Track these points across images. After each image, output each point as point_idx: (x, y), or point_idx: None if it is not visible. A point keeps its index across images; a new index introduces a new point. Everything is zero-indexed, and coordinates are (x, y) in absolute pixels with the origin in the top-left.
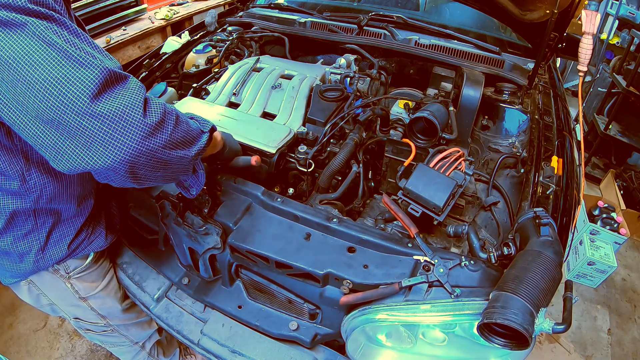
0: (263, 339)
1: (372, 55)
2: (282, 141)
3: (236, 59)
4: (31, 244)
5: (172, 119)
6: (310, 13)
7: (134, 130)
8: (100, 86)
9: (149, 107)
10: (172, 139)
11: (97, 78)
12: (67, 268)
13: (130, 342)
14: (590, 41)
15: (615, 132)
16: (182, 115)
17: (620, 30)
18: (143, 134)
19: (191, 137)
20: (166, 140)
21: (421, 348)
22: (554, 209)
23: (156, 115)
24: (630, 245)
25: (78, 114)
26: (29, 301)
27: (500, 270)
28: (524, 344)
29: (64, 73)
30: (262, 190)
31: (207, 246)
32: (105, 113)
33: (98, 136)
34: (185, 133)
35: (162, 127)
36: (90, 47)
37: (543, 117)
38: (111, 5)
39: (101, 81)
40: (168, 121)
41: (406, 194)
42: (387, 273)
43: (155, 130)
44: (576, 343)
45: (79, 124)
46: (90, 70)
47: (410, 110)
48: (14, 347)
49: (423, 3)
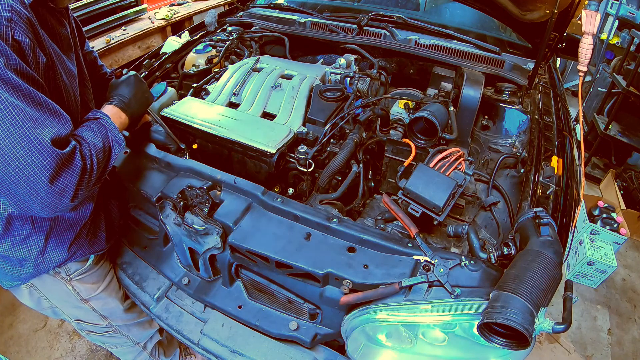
0: (263, 339)
1: (372, 55)
2: (282, 141)
3: (236, 59)
4: (30, 248)
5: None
6: (310, 13)
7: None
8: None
9: (56, 179)
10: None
11: None
12: (67, 270)
13: (132, 342)
14: (590, 41)
15: (615, 132)
16: (93, 146)
17: (620, 30)
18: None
19: (108, 156)
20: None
21: (421, 348)
22: (554, 209)
23: (65, 180)
24: (630, 245)
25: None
26: (30, 304)
27: (500, 270)
28: (524, 343)
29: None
30: (262, 190)
31: (207, 246)
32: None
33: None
34: (106, 162)
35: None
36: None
37: (543, 117)
38: (111, 5)
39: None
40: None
41: (406, 194)
42: (387, 273)
43: (61, 194)
44: (576, 343)
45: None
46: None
47: (410, 110)
48: (14, 347)
49: (423, 3)
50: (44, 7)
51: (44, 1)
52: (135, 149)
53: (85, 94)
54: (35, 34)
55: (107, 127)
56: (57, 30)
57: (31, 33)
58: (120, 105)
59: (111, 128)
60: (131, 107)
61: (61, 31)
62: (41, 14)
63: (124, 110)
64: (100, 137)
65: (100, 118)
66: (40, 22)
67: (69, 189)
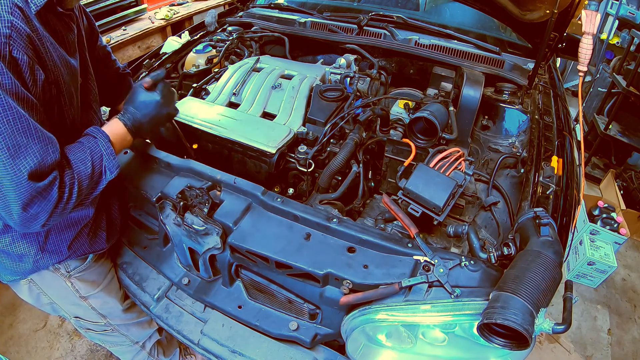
0: (263, 339)
1: (372, 55)
2: (282, 141)
3: (236, 59)
4: (30, 244)
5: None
6: (310, 13)
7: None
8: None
9: (29, 207)
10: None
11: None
12: (67, 267)
13: (131, 341)
14: (590, 41)
15: (615, 132)
16: (81, 172)
17: (620, 30)
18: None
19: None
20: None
21: (421, 348)
22: (554, 209)
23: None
24: (630, 245)
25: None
26: (29, 300)
27: (500, 270)
28: (524, 344)
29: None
30: (262, 190)
31: (207, 246)
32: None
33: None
34: (88, 190)
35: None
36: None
37: (543, 117)
38: (111, 5)
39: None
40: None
41: (406, 194)
42: (387, 273)
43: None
44: (576, 343)
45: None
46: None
47: (410, 110)
48: (14, 347)
49: (423, 3)
50: (52, 12)
51: (52, 7)
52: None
53: (89, 95)
54: (35, 50)
55: (103, 152)
56: (65, 35)
57: (31, 50)
58: (129, 127)
59: (107, 153)
60: (141, 130)
61: (68, 36)
62: (49, 20)
63: (132, 133)
64: (90, 162)
65: (98, 139)
66: (49, 29)
67: (42, 216)
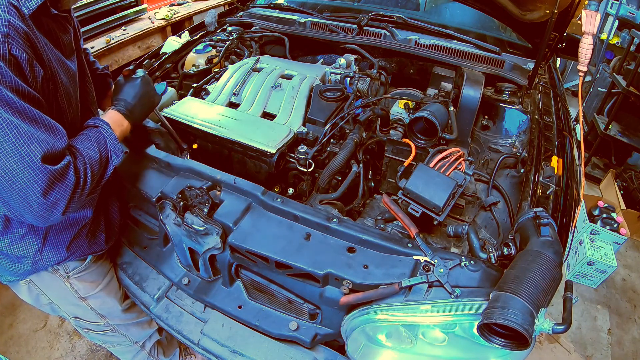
0: (263, 339)
1: (372, 55)
2: (282, 141)
3: (236, 59)
4: (28, 246)
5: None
6: (310, 13)
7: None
8: None
9: (49, 193)
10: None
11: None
12: (66, 268)
13: (130, 341)
14: (590, 41)
15: (615, 132)
16: (89, 157)
17: (620, 30)
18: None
19: (103, 168)
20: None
21: (421, 348)
22: (554, 209)
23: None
24: (630, 245)
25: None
26: (29, 300)
27: (500, 271)
28: (524, 344)
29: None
30: (262, 190)
31: (207, 246)
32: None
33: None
34: (99, 175)
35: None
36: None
37: (543, 117)
38: (111, 5)
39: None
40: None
41: (406, 194)
42: (387, 273)
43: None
44: (576, 343)
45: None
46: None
47: (410, 110)
48: (14, 347)
49: (423, 3)
50: (46, 15)
51: (46, 9)
52: (135, 149)
53: (87, 96)
54: (33, 47)
55: (107, 137)
56: (60, 37)
57: (29, 47)
58: (124, 112)
59: (111, 138)
60: (134, 113)
61: (64, 38)
62: (43, 22)
63: (127, 117)
64: (97, 148)
65: (100, 127)
66: (42, 31)
67: (61, 202)
